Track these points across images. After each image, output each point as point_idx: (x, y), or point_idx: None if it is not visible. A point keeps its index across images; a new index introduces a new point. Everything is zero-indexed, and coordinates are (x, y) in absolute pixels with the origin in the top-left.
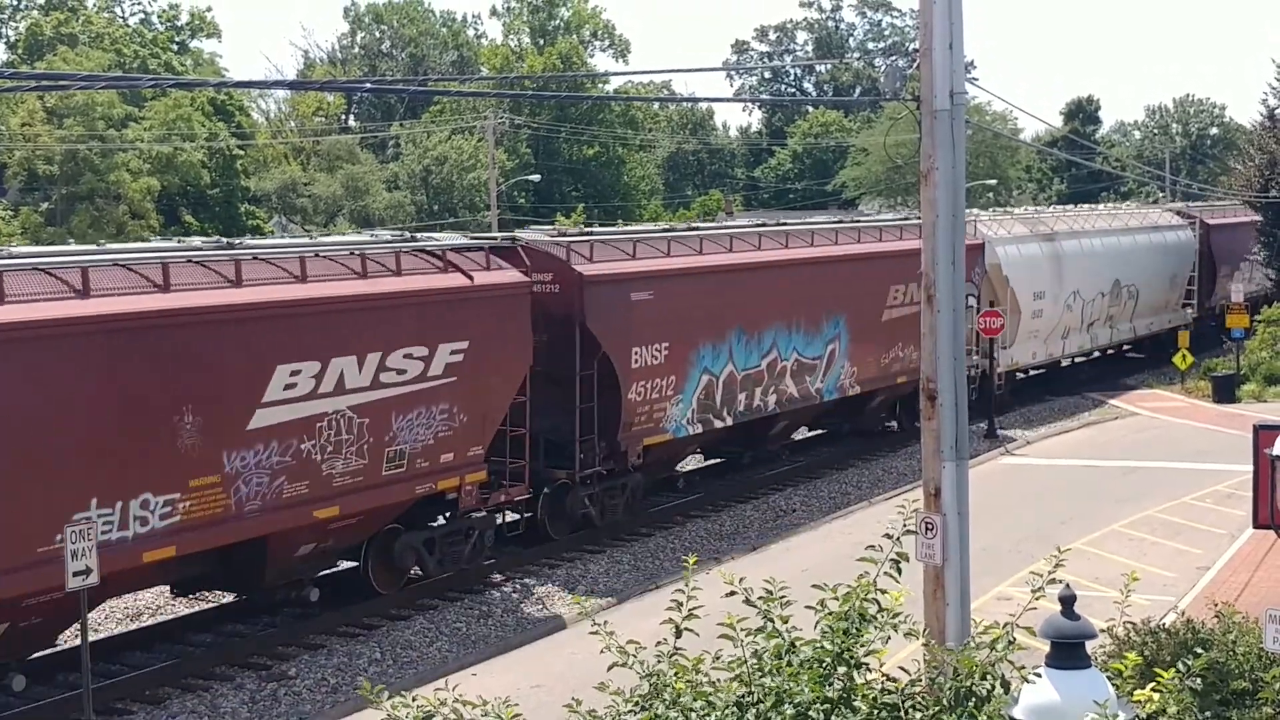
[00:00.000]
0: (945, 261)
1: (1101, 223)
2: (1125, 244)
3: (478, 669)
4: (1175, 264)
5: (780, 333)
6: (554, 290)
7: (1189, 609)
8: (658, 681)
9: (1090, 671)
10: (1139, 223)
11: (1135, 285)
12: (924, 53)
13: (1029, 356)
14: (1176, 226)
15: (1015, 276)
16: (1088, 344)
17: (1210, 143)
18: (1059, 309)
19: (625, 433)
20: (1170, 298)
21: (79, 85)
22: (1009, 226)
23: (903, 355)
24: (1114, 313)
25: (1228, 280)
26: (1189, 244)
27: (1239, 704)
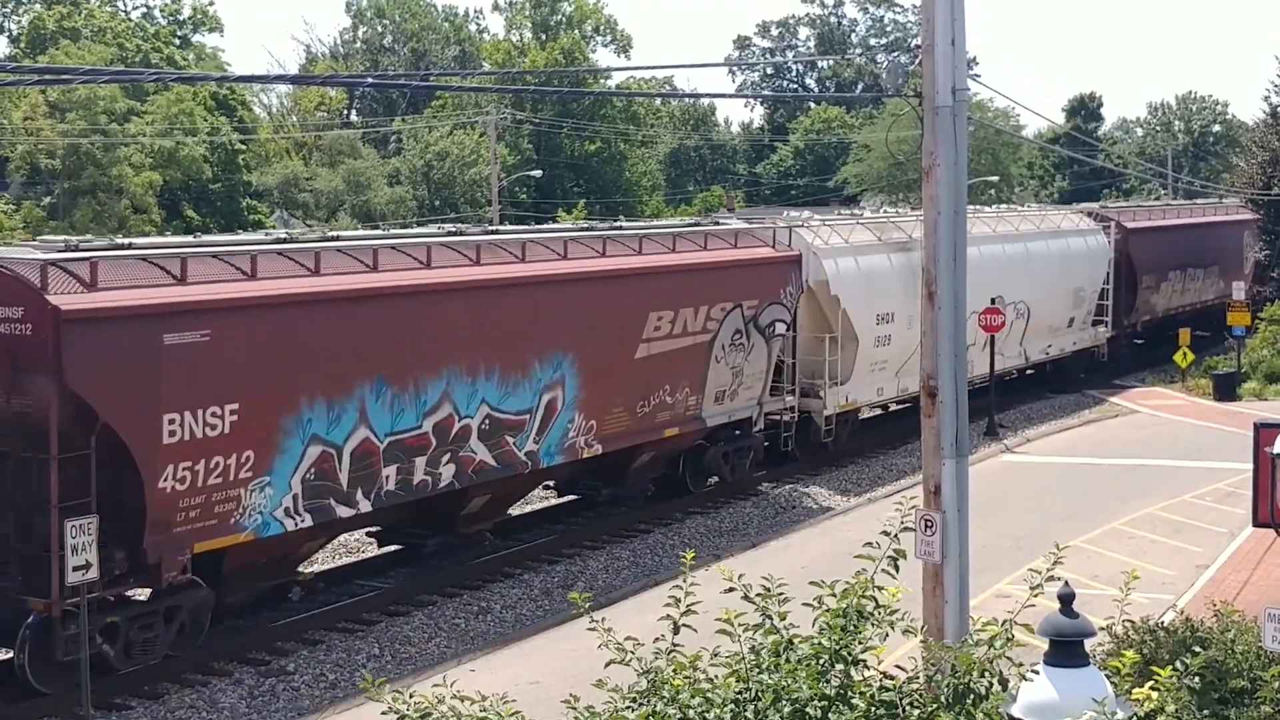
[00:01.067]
0: (946, 258)
1: (982, 227)
2: (1013, 253)
3: (476, 665)
4: (1083, 275)
5: (457, 381)
6: (24, 332)
7: (1188, 607)
8: (656, 678)
9: (1089, 670)
10: (1034, 227)
11: (1024, 302)
12: (926, 49)
13: (873, 393)
14: (1087, 231)
15: (851, 295)
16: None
17: (1213, 140)
18: (916, 334)
19: (157, 536)
20: (1075, 315)
21: (81, 80)
22: (847, 233)
23: (673, 400)
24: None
25: (1152, 293)
26: (1101, 251)
27: (1237, 702)
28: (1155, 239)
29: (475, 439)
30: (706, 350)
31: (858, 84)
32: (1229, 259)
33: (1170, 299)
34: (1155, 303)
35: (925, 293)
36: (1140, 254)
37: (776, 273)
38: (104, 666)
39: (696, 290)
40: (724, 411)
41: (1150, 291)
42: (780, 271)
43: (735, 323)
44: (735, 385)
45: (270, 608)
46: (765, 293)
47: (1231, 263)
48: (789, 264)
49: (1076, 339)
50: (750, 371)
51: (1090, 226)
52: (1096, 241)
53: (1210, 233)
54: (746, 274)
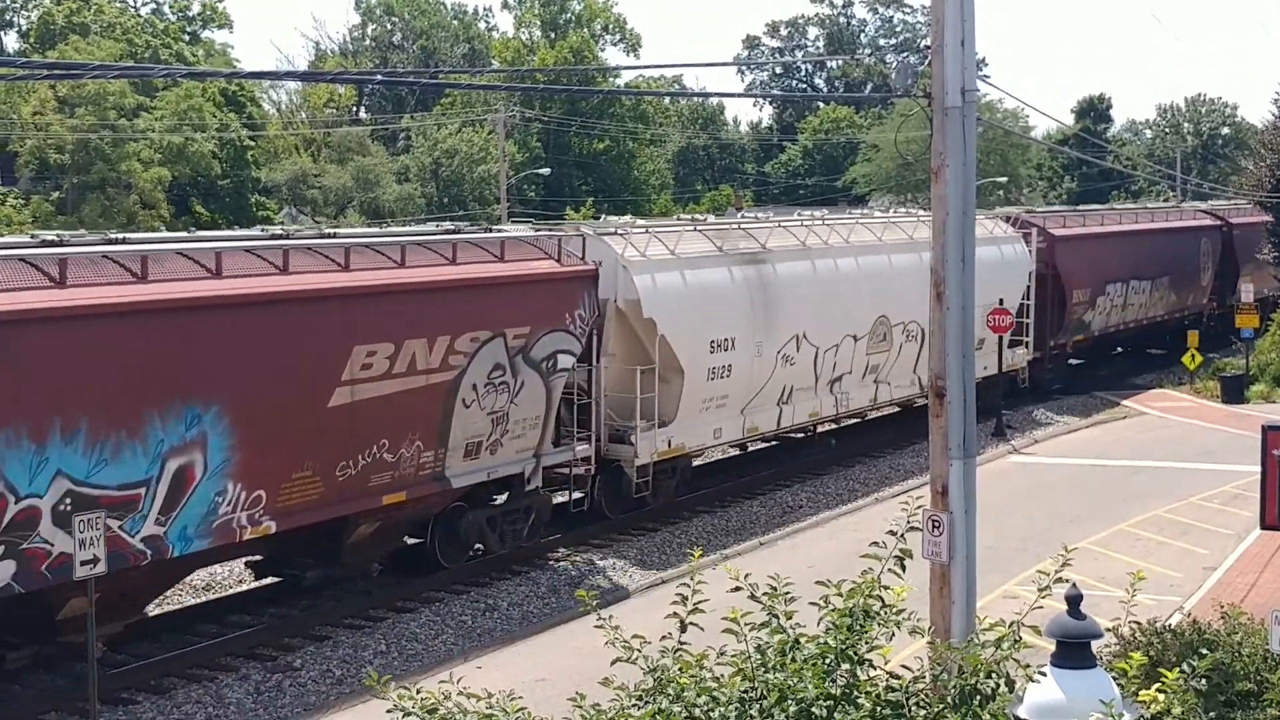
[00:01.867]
0: (955, 259)
1: (865, 235)
2: (904, 265)
3: (482, 662)
4: (996, 290)
5: (12, 448)
6: None
7: (1195, 609)
8: (662, 676)
9: (1096, 671)
10: (928, 234)
11: (918, 322)
12: (936, 50)
13: (708, 435)
14: (1002, 239)
15: (671, 318)
16: (830, 407)
17: (1222, 142)
18: (769, 363)
19: None
20: (988, 336)
21: (91, 75)
22: (673, 242)
23: (397, 458)
24: (879, 362)
25: (1085, 309)
26: (1020, 262)
27: (1244, 705)
28: (1088, 248)
29: (49, 525)
30: (449, 392)
31: (867, 84)
32: (1184, 270)
33: (1109, 316)
34: (1090, 320)
35: (934, 293)
36: (1070, 265)
37: (561, 292)
38: None
39: (433, 316)
40: (480, 468)
41: (1083, 308)
42: (566, 290)
43: (495, 356)
44: (497, 435)
45: (276, 604)
46: (542, 317)
47: (1187, 273)
48: (580, 281)
49: (990, 363)
50: (520, 417)
51: (1007, 234)
52: (1014, 251)
53: (1161, 240)
54: (513, 294)
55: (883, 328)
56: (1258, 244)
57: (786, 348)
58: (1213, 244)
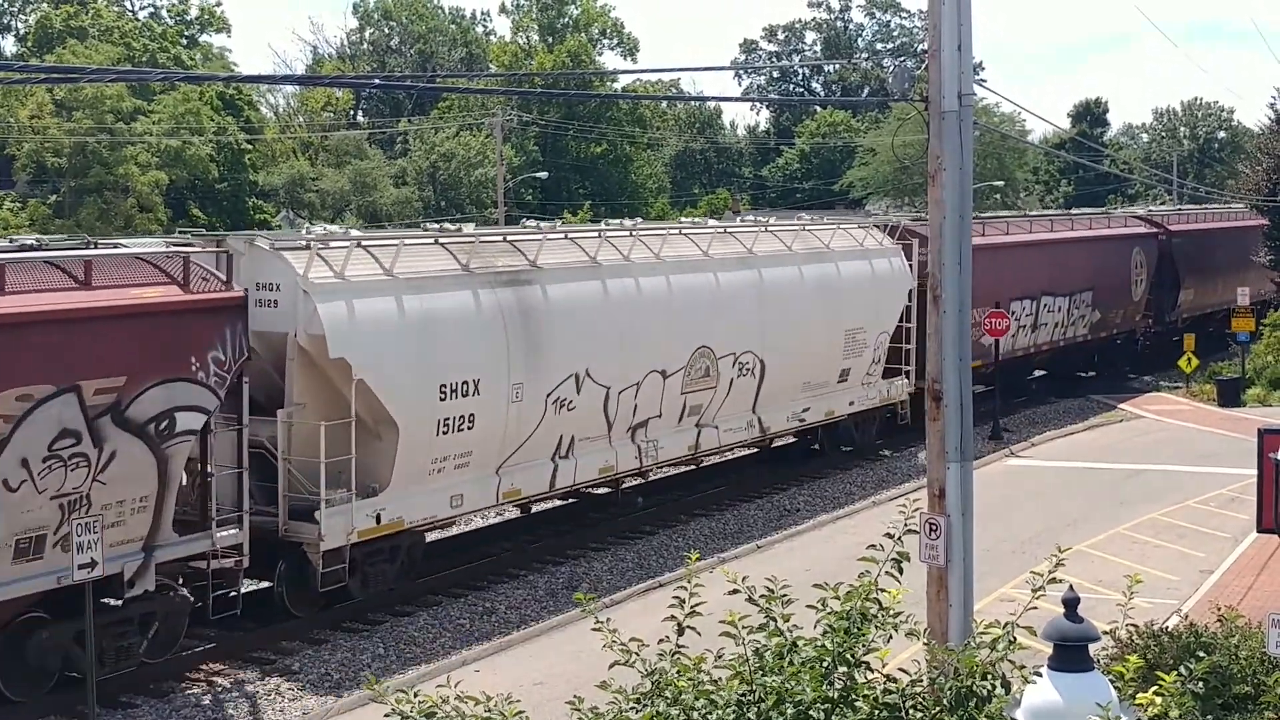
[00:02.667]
0: (951, 263)
1: (684, 249)
2: (736, 285)
3: (480, 665)
4: (865, 311)
5: None
6: None
7: (1192, 612)
8: (659, 679)
9: (1093, 674)
10: (782, 247)
11: (753, 353)
12: (932, 54)
13: (443, 503)
14: (875, 252)
15: (374, 358)
16: (630, 459)
17: (1218, 146)
18: (534, 409)
19: None
20: (852, 365)
21: (88, 79)
22: (392, 258)
23: None
24: (701, 402)
25: (978, 332)
26: (898, 279)
27: (1241, 708)
28: (989, 260)
29: None
30: None
31: (864, 89)
32: (1111, 283)
33: (1017, 337)
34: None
35: (930, 296)
36: None
37: (182, 328)
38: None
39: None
40: (44, 573)
41: (977, 328)
42: (192, 326)
43: (61, 419)
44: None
45: (272, 609)
46: (148, 363)
47: (1115, 287)
48: (215, 312)
49: (857, 397)
50: (111, 500)
51: (881, 245)
52: (889, 266)
53: (1082, 250)
54: (96, 334)
55: (704, 361)
56: (1205, 253)
57: (561, 389)
58: (1148, 254)
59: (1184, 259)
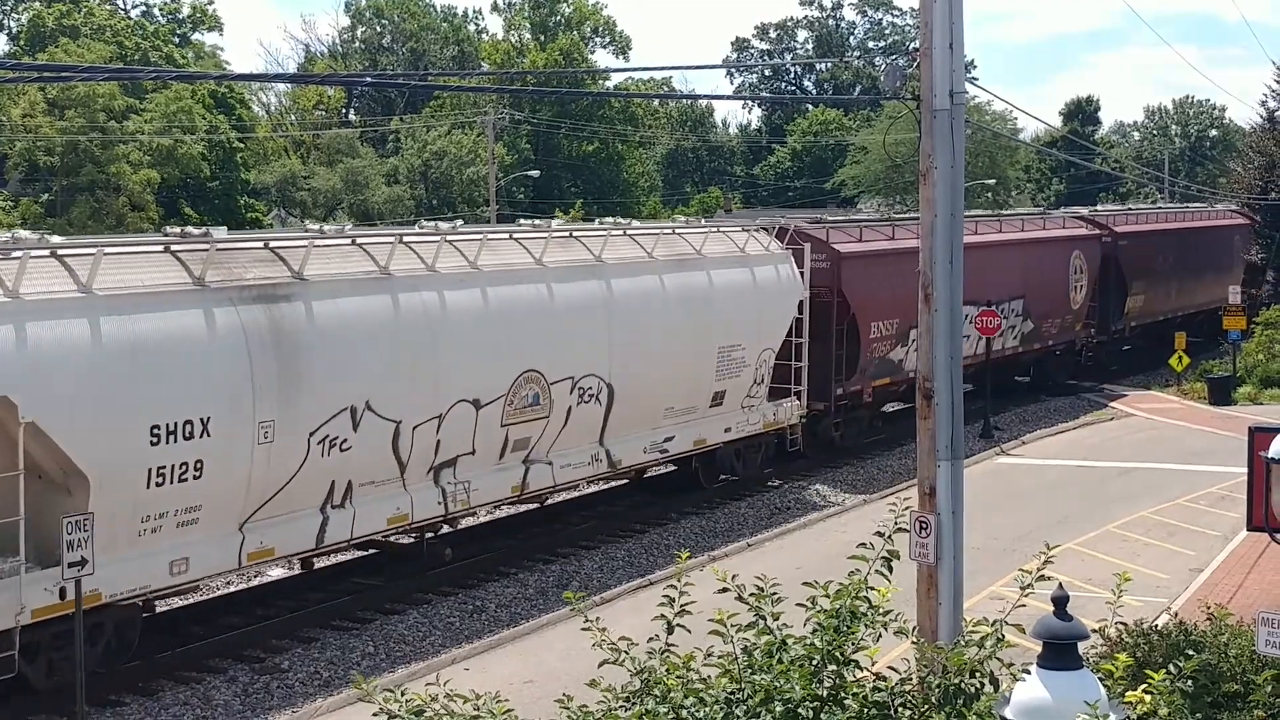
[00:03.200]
0: (943, 261)
1: (507, 255)
2: (576, 299)
3: (470, 664)
4: (742, 326)
5: None
6: None
7: (1181, 610)
8: (649, 678)
9: (1082, 672)
10: (632, 253)
11: (601, 377)
12: (924, 52)
13: (162, 570)
14: (757, 258)
15: (52, 395)
16: (432, 505)
17: (1209, 144)
18: (293, 450)
19: None
20: (728, 387)
21: (80, 77)
22: (90, 270)
23: None
24: (528, 435)
25: (891, 345)
26: (785, 289)
27: (1230, 706)
28: (892, 267)
29: None
30: None
31: (856, 86)
32: (1046, 291)
33: None
34: (901, 359)
35: (921, 295)
36: (864, 290)
37: None
38: None
39: None
40: None
41: (887, 344)
42: None
43: None
44: None
45: (264, 606)
46: None
47: (1050, 294)
48: None
49: (736, 423)
50: None
51: (767, 250)
52: (776, 274)
53: (1009, 255)
54: None
55: (532, 387)
56: (1156, 256)
57: (332, 426)
58: (1089, 258)
59: (1131, 263)
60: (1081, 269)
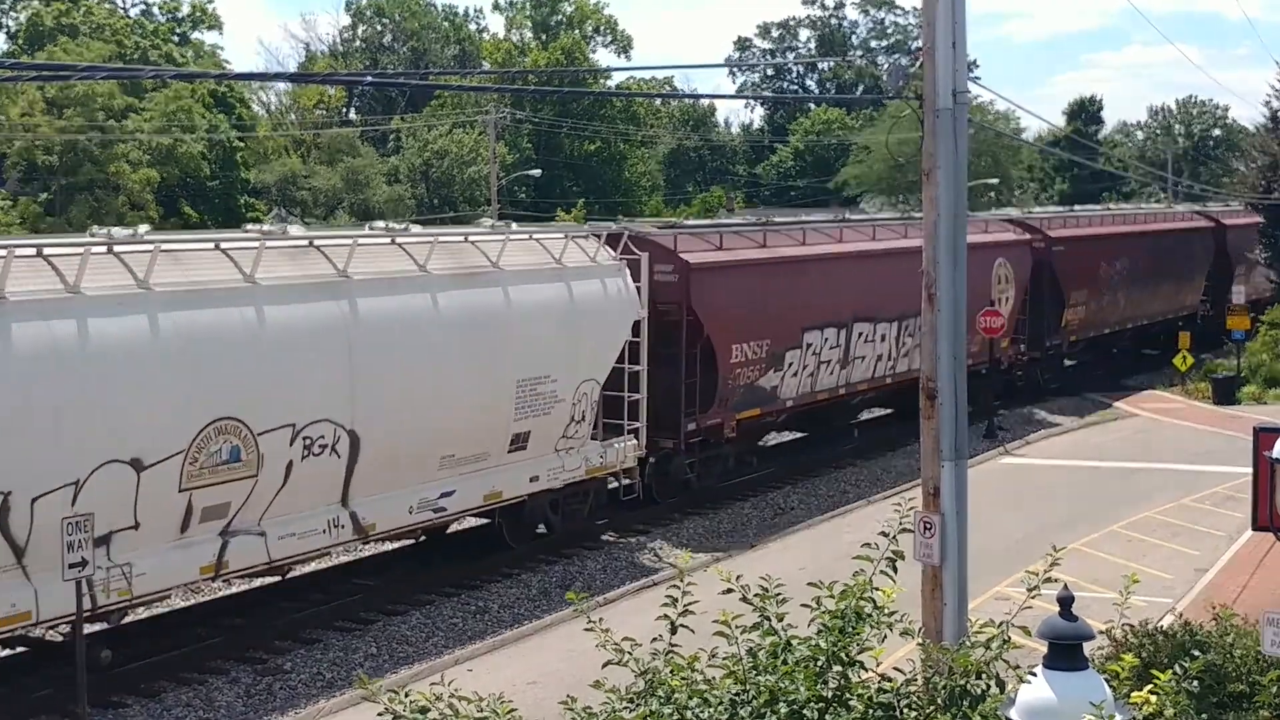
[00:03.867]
0: (946, 260)
1: (201, 271)
2: (297, 322)
3: (473, 664)
4: (558, 356)
5: None
6: None
7: (1187, 611)
8: (653, 679)
9: (1087, 673)
10: (395, 266)
11: (338, 422)
12: (927, 51)
13: None
14: (582, 271)
15: None
16: (67, 595)
17: (1213, 144)
18: None
19: None
20: (534, 428)
21: (79, 76)
22: None
23: None
24: (224, 500)
25: (760, 371)
26: (617, 307)
27: (1236, 707)
28: (759, 279)
29: None
30: None
31: (858, 86)
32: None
33: (817, 377)
34: (775, 386)
35: (925, 295)
36: (721, 307)
37: None
38: None
39: None
40: None
41: (754, 369)
42: None
43: None
44: None
45: (266, 606)
46: None
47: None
48: None
49: (548, 470)
50: None
51: (594, 262)
52: (603, 290)
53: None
54: None
55: (228, 439)
56: (1100, 263)
57: None
58: (1017, 265)
59: (1069, 271)
60: (1008, 279)
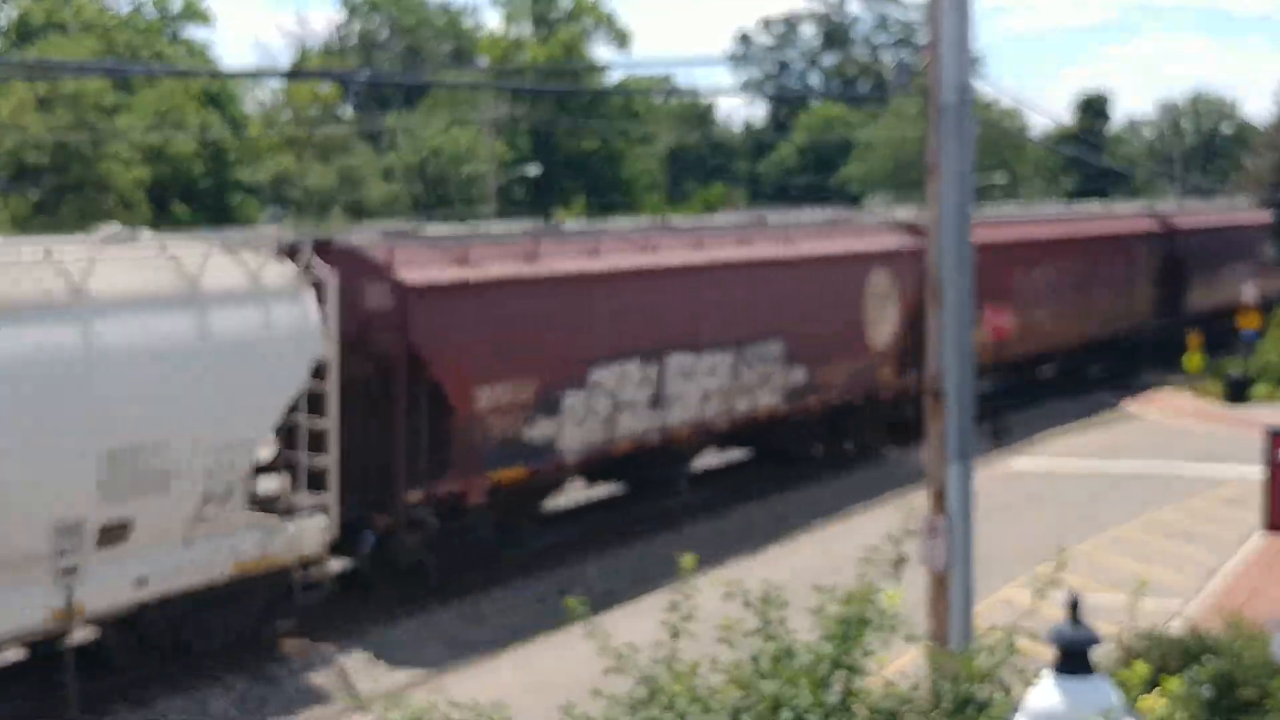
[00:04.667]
0: (951, 259)
1: None
2: None
3: (469, 672)
4: (180, 416)
5: None
6: None
7: (1197, 613)
8: (653, 685)
9: (1096, 678)
10: None
11: None
12: (932, 47)
13: None
14: (229, 298)
15: None
16: None
17: (1222, 140)
18: None
19: None
20: (141, 514)
21: (69, 73)
22: None
23: None
24: None
25: (511, 422)
26: (284, 345)
27: (1246, 712)
28: (512, 302)
29: None
30: None
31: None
32: (825, 326)
33: (610, 424)
34: (553, 436)
35: (930, 294)
36: (459, 340)
37: None
38: None
39: None
40: None
41: (513, 416)
42: None
43: None
44: None
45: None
46: None
47: (833, 331)
48: None
49: (156, 569)
50: None
51: (257, 285)
52: (264, 322)
53: (760, 280)
54: None
55: None
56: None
57: None
58: (902, 279)
59: None
60: (888, 294)
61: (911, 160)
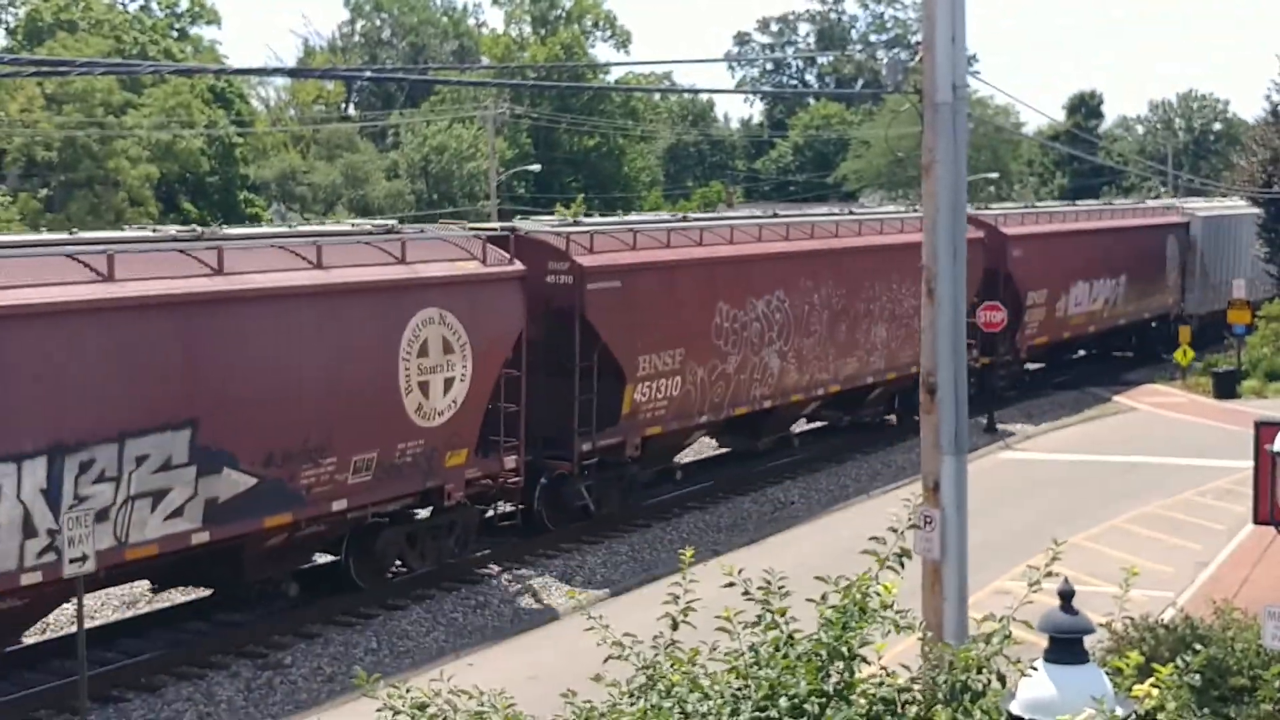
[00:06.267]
0: (946, 255)
1: None
2: None
3: (473, 659)
4: None
5: None
6: None
7: (1188, 605)
8: (654, 673)
9: (1088, 667)
10: None
11: None
12: (926, 45)
13: None
14: None
15: None
16: None
17: (1213, 138)
18: None
19: None
20: None
21: (78, 71)
22: None
23: None
24: None
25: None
26: None
27: (1237, 701)
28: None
29: None
30: None
31: (858, 80)
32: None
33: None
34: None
35: (925, 290)
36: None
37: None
38: None
39: None
40: None
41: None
42: None
43: None
44: None
45: (267, 602)
46: None
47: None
48: None
49: None
50: None
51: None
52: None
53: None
54: None
55: None
56: (712, 307)
57: None
58: (479, 320)
59: (620, 326)
60: (450, 344)
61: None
